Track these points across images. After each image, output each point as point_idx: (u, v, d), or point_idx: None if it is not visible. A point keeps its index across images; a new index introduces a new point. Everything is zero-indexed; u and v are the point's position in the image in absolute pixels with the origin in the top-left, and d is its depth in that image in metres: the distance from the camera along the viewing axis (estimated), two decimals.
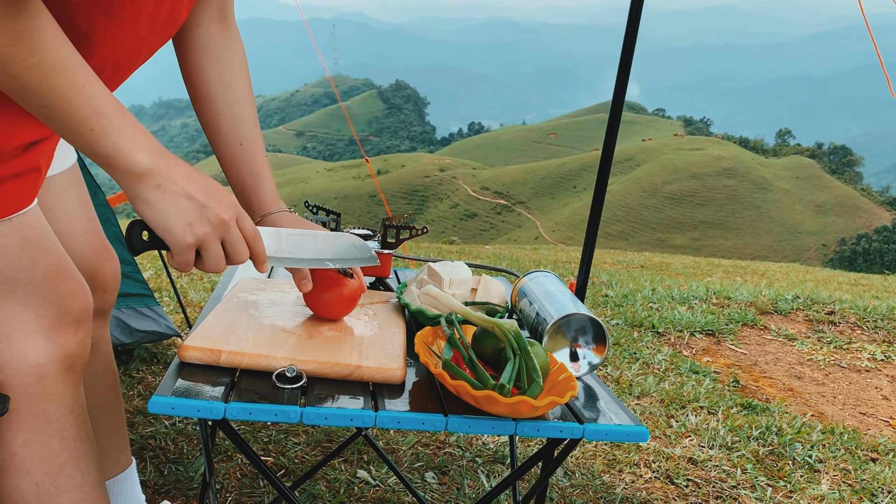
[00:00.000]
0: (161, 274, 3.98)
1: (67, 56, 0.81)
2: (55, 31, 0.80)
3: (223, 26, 1.20)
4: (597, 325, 1.19)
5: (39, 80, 0.79)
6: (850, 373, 3.26)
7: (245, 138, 1.20)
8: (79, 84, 0.82)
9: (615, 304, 4.11)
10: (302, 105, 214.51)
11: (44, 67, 0.79)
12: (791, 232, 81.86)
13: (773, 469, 2.22)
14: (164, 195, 0.89)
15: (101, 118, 0.84)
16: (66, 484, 1.00)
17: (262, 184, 1.20)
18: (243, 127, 1.20)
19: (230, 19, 1.22)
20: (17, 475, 0.98)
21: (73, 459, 1.01)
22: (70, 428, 1.01)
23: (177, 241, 0.90)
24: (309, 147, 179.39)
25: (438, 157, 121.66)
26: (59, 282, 1.00)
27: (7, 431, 0.97)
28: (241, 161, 1.20)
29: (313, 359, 1.03)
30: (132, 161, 0.87)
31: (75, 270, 1.04)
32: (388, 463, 1.67)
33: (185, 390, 0.94)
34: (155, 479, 1.81)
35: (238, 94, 1.20)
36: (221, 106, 1.19)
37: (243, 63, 1.23)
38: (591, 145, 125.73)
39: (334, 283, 1.17)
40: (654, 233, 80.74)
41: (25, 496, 0.98)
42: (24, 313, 0.96)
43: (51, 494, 0.99)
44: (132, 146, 0.86)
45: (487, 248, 10.62)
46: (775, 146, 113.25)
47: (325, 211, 1.52)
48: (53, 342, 0.99)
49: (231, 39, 1.21)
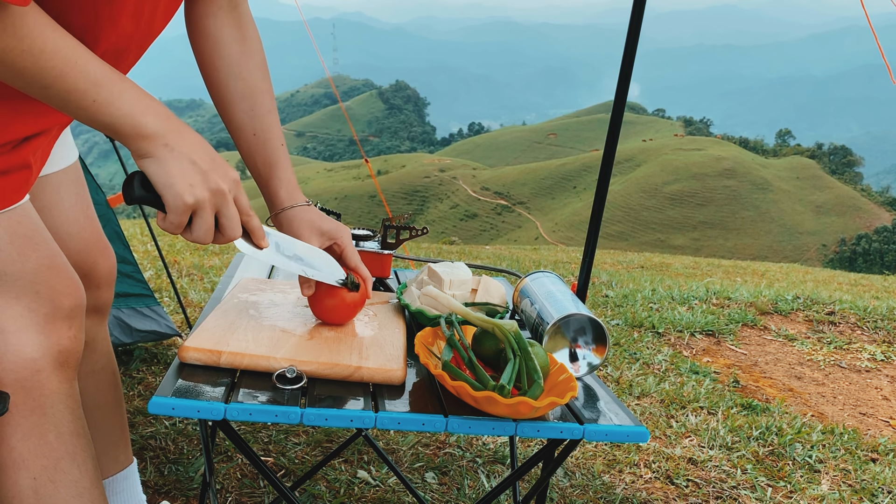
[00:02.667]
0: (161, 274, 3.98)
1: (55, 37, 0.82)
2: (37, 15, 0.81)
3: (234, 14, 1.19)
4: (597, 326, 1.19)
5: (33, 65, 0.81)
6: (850, 373, 3.26)
7: (259, 128, 1.19)
8: (71, 60, 0.83)
9: (615, 304, 4.11)
10: (302, 105, 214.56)
11: (34, 51, 0.80)
12: (791, 232, 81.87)
13: (773, 469, 2.22)
14: (170, 154, 0.90)
15: (101, 88, 0.85)
16: (63, 479, 1.00)
17: (277, 174, 1.19)
18: (257, 116, 1.19)
19: (241, 6, 1.21)
20: (15, 471, 0.98)
21: (70, 454, 1.01)
22: (66, 423, 1.01)
23: (175, 198, 0.91)
24: (309, 147, 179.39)
25: (438, 157, 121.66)
26: (50, 277, 1.00)
27: (6, 426, 0.97)
28: (256, 151, 1.19)
29: (313, 359, 1.03)
30: (139, 123, 0.88)
31: (68, 266, 1.04)
32: (389, 463, 1.67)
33: (186, 391, 0.95)
34: (155, 479, 1.81)
35: (250, 84, 1.19)
36: (234, 96, 1.18)
37: (258, 53, 1.21)
38: (591, 145, 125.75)
39: (338, 290, 1.16)
40: (654, 233, 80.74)
41: (23, 492, 0.98)
42: (17, 307, 0.97)
43: (48, 490, 0.99)
44: (136, 110, 0.88)
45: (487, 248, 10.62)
46: (775, 146, 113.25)
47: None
48: (47, 336, 0.99)
49: (243, 27, 1.20)
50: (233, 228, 0.97)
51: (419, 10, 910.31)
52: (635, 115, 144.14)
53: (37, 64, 0.81)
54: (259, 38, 1.23)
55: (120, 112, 0.87)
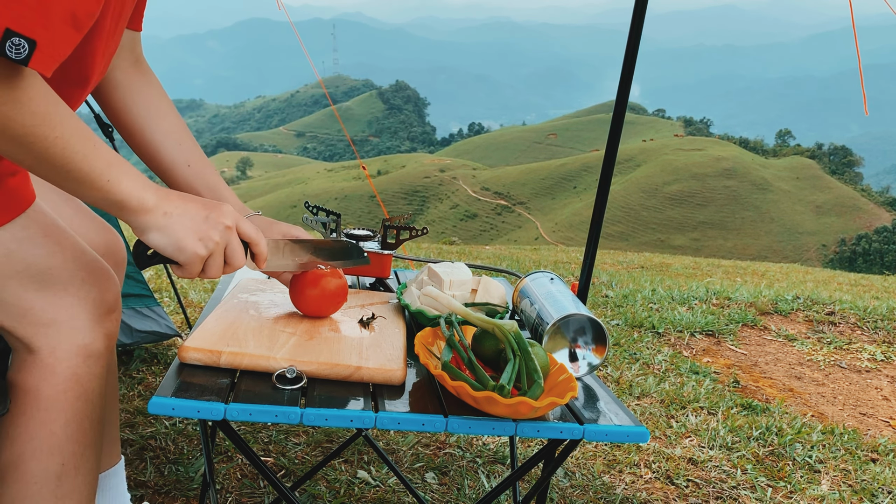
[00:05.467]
0: (161, 274, 3.98)
1: (75, 120, 0.87)
2: (57, 99, 0.86)
3: (138, 67, 1.25)
4: (597, 326, 1.19)
5: (62, 150, 0.85)
6: (850, 373, 3.26)
7: (190, 159, 1.24)
8: (91, 143, 0.88)
9: (615, 304, 4.11)
10: (302, 105, 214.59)
11: (64, 138, 0.85)
12: (791, 232, 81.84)
13: (773, 469, 2.22)
14: (171, 220, 0.96)
15: (112, 168, 0.91)
16: (84, 467, 1.03)
17: (222, 195, 1.24)
18: (185, 150, 1.24)
19: (143, 61, 1.27)
20: (49, 456, 1.00)
21: (94, 443, 1.05)
22: (98, 410, 1.05)
23: (190, 256, 0.97)
24: (309, 147, 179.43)
25: (438, 157, 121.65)
26: (88, 265, 1.04)
27: (51, 412, 0.99)
28: (195, 180, 1.24)
29: (313, 360, 1.03)
30: (142, 197, 0.94)
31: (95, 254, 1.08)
32: (389, 463, 1.67)
33: (186, 391, 0.95)
34: (155, 479, 1.81)
35: (171, 123, 1.24)
36: (159, 136, 1.23)
37: (166, 97, 1.27)
38: (591, 146, 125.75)
39: (317, 280, 1.18)
40: (654, 233, 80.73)
41: (48, 477, 1.00)
42: (66, 297, 1.00)
43: (70, 476, 1.02)
44: (138, 185, 0.94)
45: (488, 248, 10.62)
46: (775, 146, 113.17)
47: (325, 212, 1.52)
48: (98, 323, 1.03)
49: (148, 76, 1.26)
50: (238, 259, 1.03)
51: (419, 10, 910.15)
52: (635, 115, 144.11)
53: (66, 149, 0.85)
54: (162, 86, 1.29)
55: (129, 190, 0.92)
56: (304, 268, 1.19)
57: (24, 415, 0.99)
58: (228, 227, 1.00)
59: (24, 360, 1.00)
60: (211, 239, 0.98)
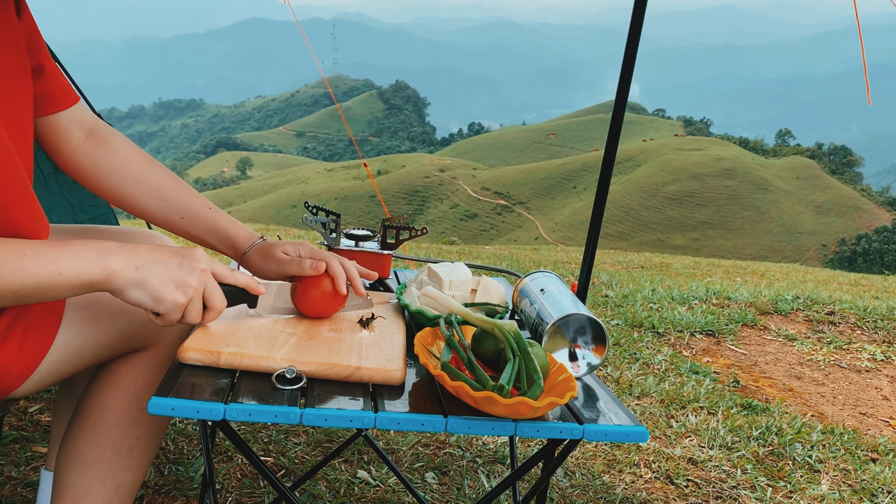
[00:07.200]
0: None
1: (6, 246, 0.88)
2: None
3: (95, 138, 1.23)
4: (596, 326, 1.19)
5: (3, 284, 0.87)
6: (850, 373, 3.26)
7: (182, 211, 1.24)
8: (21, 253, 0.88)
9: (615, 304, 4.11)
10: (302, 105, 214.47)
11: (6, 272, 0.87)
12: (791, 232, 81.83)
13: (773, 469, 2.22)
14: (144, 272, 0.95)
15: (58, 261, 0.90)
16: (153, 446, 1.22)
17: (227, 230, 1.25)
18: (173, 203, 1.23)
19: (98, 128, 1.25)
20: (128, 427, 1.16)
21: (163, 429, 1.24)
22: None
23: (170, 305, 0.96)
24: (309, 147, 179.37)
25: (438, 157, 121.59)
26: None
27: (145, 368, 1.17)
28: (194, 228, 1.24)
29: (313, 360, 1.03)
30: (104, 267, 0.93)
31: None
32: (388, 463, 1.67)
33: (185, 391, 0.95)
34: (155, 479, 1.81)
35: (149, 181, 1.23)
36: (143, 200, 1.23)
37: (137, 153, 1.26)
38: (591, 146, 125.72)
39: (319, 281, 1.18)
40: (654, 233, 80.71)
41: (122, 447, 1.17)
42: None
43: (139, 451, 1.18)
44: (93, 258, 0.93)
45: (487, 248, 10.62)
46: (775, 146, 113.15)
47: (325, 212, 1.52)
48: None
49: (109, 143, 1.24)
50: (219, 301, 1.02)
51: (419, 10, 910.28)
52: (635, 115, 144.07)
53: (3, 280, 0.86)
54: (128, 140, 1.27)
55: (85, 268, 0.92)
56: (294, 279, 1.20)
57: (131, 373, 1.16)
58: (204, 270, 0.99)
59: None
60: (189, 285, 0.96)
